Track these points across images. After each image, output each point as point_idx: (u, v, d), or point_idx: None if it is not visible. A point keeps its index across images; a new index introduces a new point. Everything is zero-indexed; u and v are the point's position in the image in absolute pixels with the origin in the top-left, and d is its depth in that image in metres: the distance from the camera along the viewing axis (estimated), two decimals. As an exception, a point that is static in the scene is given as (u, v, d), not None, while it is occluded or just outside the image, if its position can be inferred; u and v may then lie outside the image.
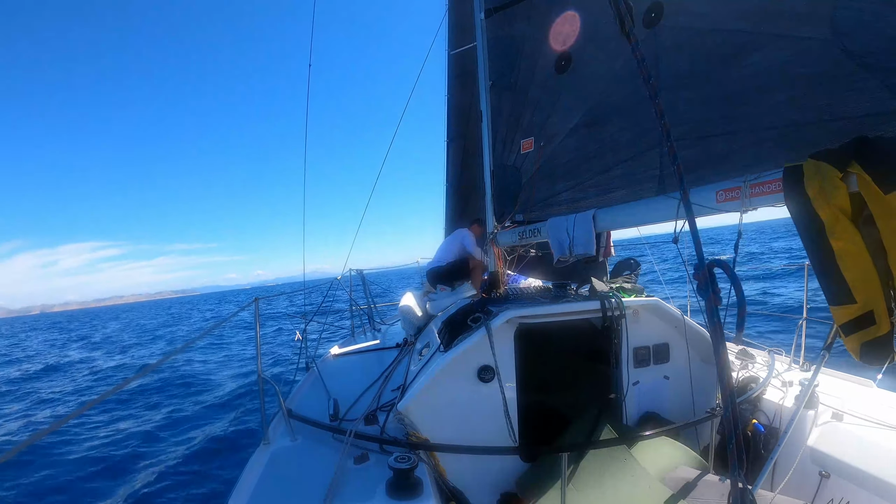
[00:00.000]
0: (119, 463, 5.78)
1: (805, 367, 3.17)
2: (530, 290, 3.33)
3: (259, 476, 2.14)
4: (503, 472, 2.50)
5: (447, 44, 6.06)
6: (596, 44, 2.91)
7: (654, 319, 2.84)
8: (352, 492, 1.92)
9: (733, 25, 2.14)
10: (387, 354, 3.81)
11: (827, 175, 1.54)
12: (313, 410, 2.75)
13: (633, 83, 2.67)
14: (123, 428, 6.94)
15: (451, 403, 2.42)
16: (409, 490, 1.82)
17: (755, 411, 2.74)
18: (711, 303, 1.32)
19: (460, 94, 6.04)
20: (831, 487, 2.21)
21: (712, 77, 2.26)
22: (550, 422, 2.87)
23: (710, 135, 2.28)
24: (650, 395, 2.84)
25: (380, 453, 2.24)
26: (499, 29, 3.71)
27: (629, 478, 2.23)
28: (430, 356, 2.63)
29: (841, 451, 2.24)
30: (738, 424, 1.22)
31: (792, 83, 1.95)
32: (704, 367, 2.88)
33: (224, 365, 11.09)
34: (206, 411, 7.64)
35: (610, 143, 2.88)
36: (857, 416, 2.42)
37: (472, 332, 2.48)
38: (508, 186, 3.77)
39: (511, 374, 2.52)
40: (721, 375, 1.26)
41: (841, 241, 1.50)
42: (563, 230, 3.06)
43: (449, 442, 2.32)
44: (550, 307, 2.62)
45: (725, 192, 2.10)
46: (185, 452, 6.00)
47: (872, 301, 1.50)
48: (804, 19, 1.87)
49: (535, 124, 3.46)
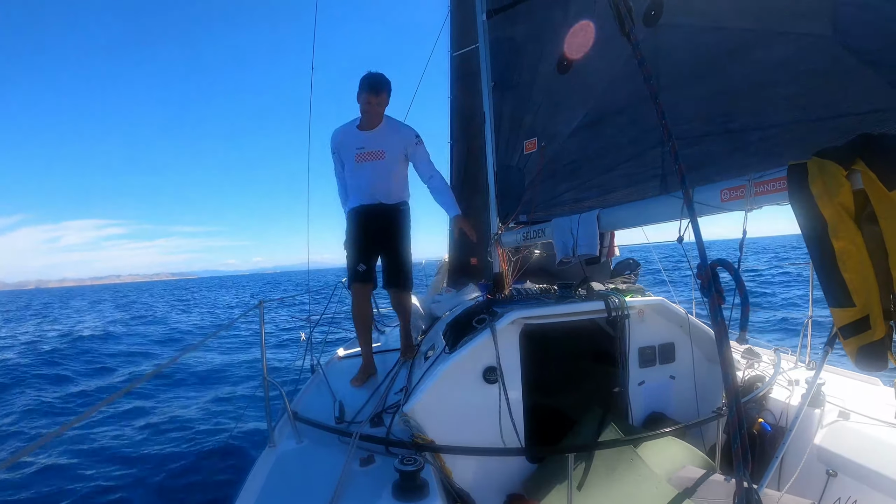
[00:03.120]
0: (119, 466, 5.80)
1: (811, 365, 3.16)
2: (535, 291, 3.34)
3: (265, 478, 2.15)
4: (509, 474, 2.50)
5: (449, 46, 6.07)
6: (597, 44, 2.91)
7: (659, 319, 2.84)
8: (358, 494, 1.93)
9: (734, 23, 2.14)
10: (392, 356, 3.81)
11: (831, 172, 1.53)
12: (319, 413, 2.76)
13: (634, 82, 2.67)
14: (123, 430, 6.97)
15: (456, 405, 2.42)
16: (415, 492, 1.83)
17: (762, 410, 2.73)
18: (715, 302, 1.33)
19: (463, 95, 6.05)
20: (838, 486, 2.20)
21: (714, 75, 2.26)
22: (556, 423, 2.87)
23: (713, 133, 2.28)
24: (656, 395, 2.83)
25: (386, 455, 2.25)
26: (501, 30, 3.72)
27: (636, 478, 2.22)
28: (435, 358, 2.63)
29: (848, 449, 2.23)
30: (744, 424, 1.22)
31: (794, 80, 1.94)
32: (710, 367, 2.87)
33: (227, 366, 11.13)
34: (209, 413, 7.65)
35: (612, 142, 2.88)
36: (864, 414, 2.41)
37: (477, 333, 2.48)
38: (512, 187, 3.77)
39: (517, 375, 2.52)
40: (725, 375, 1.26)
41: (842, 242, 1.49)
42: (567, 230, 3.06)
43: (455, 443, 2.32)
44: (555, 308, 2.62)
45: (730, 191, 2.09)
46: (189, 455, 6.01)
47: (869, 305, 1.49)
48: (806, 16, 1.87)
49: (538, 125, 3.47)
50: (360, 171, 3.43)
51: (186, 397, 8.72)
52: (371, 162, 3.40)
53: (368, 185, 3.45)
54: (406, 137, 3.46)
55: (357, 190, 3.49)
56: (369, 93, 3.26)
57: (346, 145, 3.45)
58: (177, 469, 5.63)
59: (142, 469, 5.71)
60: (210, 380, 9.94)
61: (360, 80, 3.31)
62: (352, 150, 3.41)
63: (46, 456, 5.92)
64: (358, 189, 3.48)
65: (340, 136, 3.48)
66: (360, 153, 3.40)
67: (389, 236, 3.54)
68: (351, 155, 3.42)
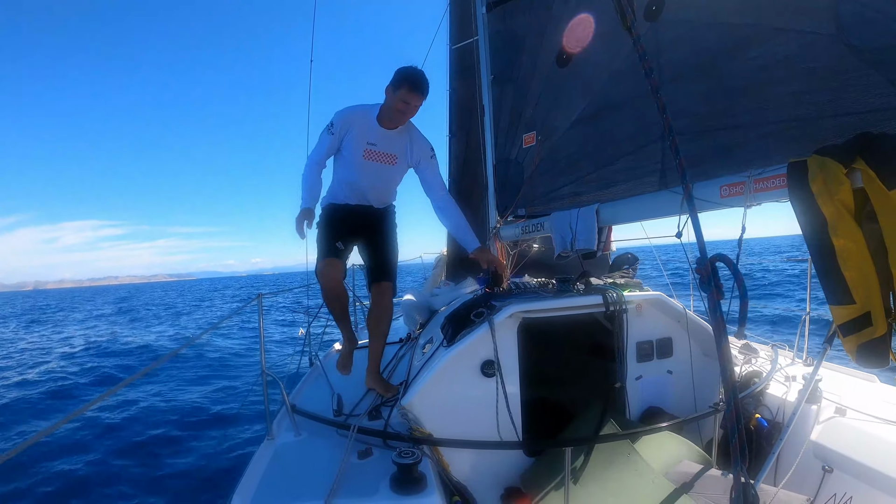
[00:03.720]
0: (117, 458, 5.82)
1: (808, 361, 3.17)
2: (533, 285, 3.34)
3: (264, 471, 2.15)
4: (507, 467, 2.51)
5: (448, 38, 6.04)
6: (597, 37, 2.90)
7: (657, 314, 2.84)
8: (356, 486, 1.93)
9: (736, 19, 2.14)
10: (390, 349, 3.82)
11: (831, 170, 1.53)
12: (317, 406, 2.77)
13: (634, 77, 2.67)
14: (122, 423, 6.98)
15: (454, 398, 2.42)
16: (412, 485, 1.83)
17: (759, 406, 2.74)
18: (714, 297, 1.33)
19: (462, 88, 6.02)
20: (834, 482, 2.21)
21: (715, 70, 2.26)
22: (554, 416, 2.88)
23: (714, 129, 2.28)
24: (653, 389, 2.84)
25: (384, 448, 2.25)
26: (500, 23, 3.71)
27: (632, 472, 2.24)
28: (433, 351, 2.64)
29: (844, 445, 2.24)
30: (741, 419, 1.23)
31: (796, 78, 1.94)
32: (708, 362, 2.88)
33: (226, 359, 11.15)
34: (208, 405, 7.68)
35: (612, 137, 2.88)
36: (861, 411, 2.42)
37: (475, 327, 2.49)
38: (510, 181, 3.77)
39: (515, 368, 2.52)
40: (723, 370, 1.27)
41: (842, 240, 1.50)
42: (567, 224, 3.06)
43: (453, 437, 2.32)
44: (554, 301, 2.62)
45: (729, 188, 2.10)
46: (188, 447, 6.04)
47: (870, 302, 1.50)
48: (808, 14, 1.87)
49: (537, 118, 3.46)
50: (363, 168, 2.95)
51: (186, 390, 8.74)
52: (380, 164, 2.96)
53: (369, 187, 3.05)
54: (423, 148, 3.06)
55: (350, 187, 3.03)
56: (415, 93, 2.77)
57: (357, 134, 2.91)
58: (176, 461, 5.66)
59: (140, 461, 5.73)
60: (209, 372, 9.97)
61: (403, 75, 2.78)
62: (361, 141, 2.90)
63: (45, 448, 5.93)
64: (351, 186, 3.03)
65: (352, 119, 2.91)
66: (371, 150, 2.92)
67: (375, 231, 3.15)
68: (359, 147, 2.91)
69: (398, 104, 2.79)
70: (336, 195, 3.09)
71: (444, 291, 4.01)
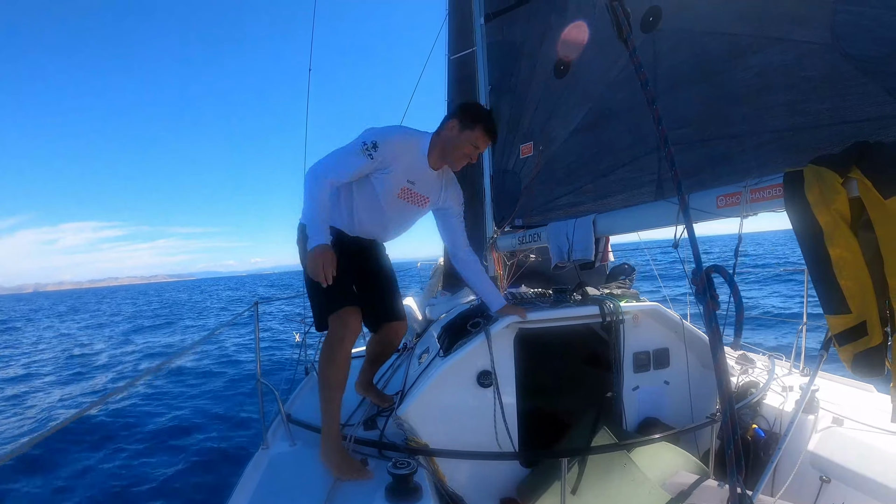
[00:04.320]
0: (108, 465, 5.77)
1: (805, 371, 3.17)
2: (530, 295, 3.33)
3: (258, 481, 2.13)
4: (503, 478, 2.49)
5: (447, 49, 6.08)
6: (594, 48, 2.92)
7: (654, 324, 2.84)
8: (350, 497, 1.92)
9: (732, 28, 2.15)
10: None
11: (827, 180, 1.54)
12: (312, 415, 2.75)
13: (631, 87, 2.68)
14: (115, 432, 6.92)
15: (450, 409, 2.41)
16: (408, 495, 1.82)
17: (756, 416, 2.73)
18: (709, 308, 1.32)
19: (460, 98, 6.06)
20: (832, 492, 2.20)
21: (711, 80, 2.27)
22: (551, 427, 2.86)
23: (710, 138, 2.28)
24: (650, 400, 2.83)
25: (379, 458, 2.24)
26: (498, 33, 3.73)
27: (629, 482, 2.22)
28: (429, 361, 2.62)
29: (841, 455, 2.23)
30: (737, 430, 1.23)
31: (792, 87, 1.95)
32: (704, 373, 2.88)
33: (220, 367, 11.08)
34: (202, 414, 7.62)
35: (609, 147, 2.88)
36: (858, 420, 2.41)
37: (471, 337, 2.48)
38: (508, 191, 3.77)
39: (511, 379, 2.51)
40: (720, 380, 1.26)
41: (838, 249, 1.50)
42: (563, 235, 3.06)
43: (449, 447, 2.31)
44: (550, 312, 2.62)
45: (726, 198, 2.10)
46: (182, 456, 5.98)
47: (866, 311, 1.50)
48: (804, 23, 1.88)
49: (534, 129, 3.47)
50: (392, 207, 2.47)
51: (180, 399, 8.67)
52: (410, 205, 2.50)
53: (390, 227, 2.63)
54: (457, 196, 2.65)
55: (369, 222, 2.55)
56: (489, 137, 2.38)
57: (402, 170, 2.38)
58: (169, 470, 5.60)
59: (133, 470, 5.68)
60: (204, 381, 9.90)
61: (481, 114, 2.38)
62: (402, 179, 2.40)
63: (33, 459, 5.87)
64: (372, 222, 2.55)
65: (401, 152, 2.37)
66: (410, 189, 2.44)
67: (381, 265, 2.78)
68: (398, 184, 2.41)
69: (467, 147, 2.35)
70: (344, 223, 2.54)
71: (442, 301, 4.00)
